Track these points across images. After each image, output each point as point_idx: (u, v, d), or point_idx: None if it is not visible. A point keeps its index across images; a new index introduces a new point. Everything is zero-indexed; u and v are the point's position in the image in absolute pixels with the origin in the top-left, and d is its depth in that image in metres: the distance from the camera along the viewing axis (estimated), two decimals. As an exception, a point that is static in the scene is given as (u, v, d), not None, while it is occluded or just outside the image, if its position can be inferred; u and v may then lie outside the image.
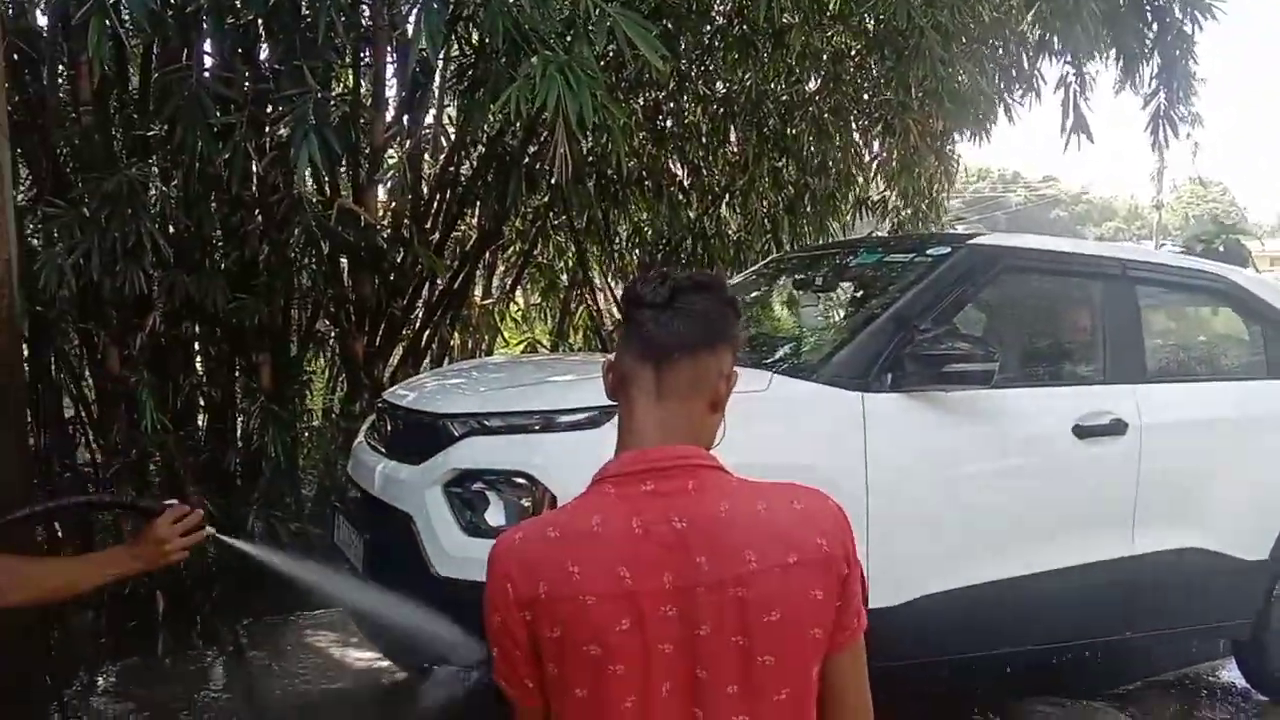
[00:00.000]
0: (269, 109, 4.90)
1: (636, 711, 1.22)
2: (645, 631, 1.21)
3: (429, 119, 6.14)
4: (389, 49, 5.53)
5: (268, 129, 4.96)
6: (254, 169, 5.05)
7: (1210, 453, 3.90)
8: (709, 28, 6.50)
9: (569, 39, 4.25)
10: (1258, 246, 11.43)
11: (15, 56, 4.45)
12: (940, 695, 4.18)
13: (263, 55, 5.23)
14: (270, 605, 4.90)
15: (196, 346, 5.76)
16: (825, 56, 6.09)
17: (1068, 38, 6.91)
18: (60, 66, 4.80)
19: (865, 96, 6.59)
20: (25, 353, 4.37)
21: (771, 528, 1.25)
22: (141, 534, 1.87)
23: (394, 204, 5.95)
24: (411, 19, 4.70)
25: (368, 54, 5.52)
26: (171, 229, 4.88)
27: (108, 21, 3.79)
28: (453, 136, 6.12)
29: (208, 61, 5.02)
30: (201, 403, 5.89)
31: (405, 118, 5.89)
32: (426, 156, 6.55)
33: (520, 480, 2.92)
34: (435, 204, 6.24)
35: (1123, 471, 3.63)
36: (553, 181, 5.91)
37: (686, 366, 1.32)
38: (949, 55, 5.62)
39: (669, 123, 6.94)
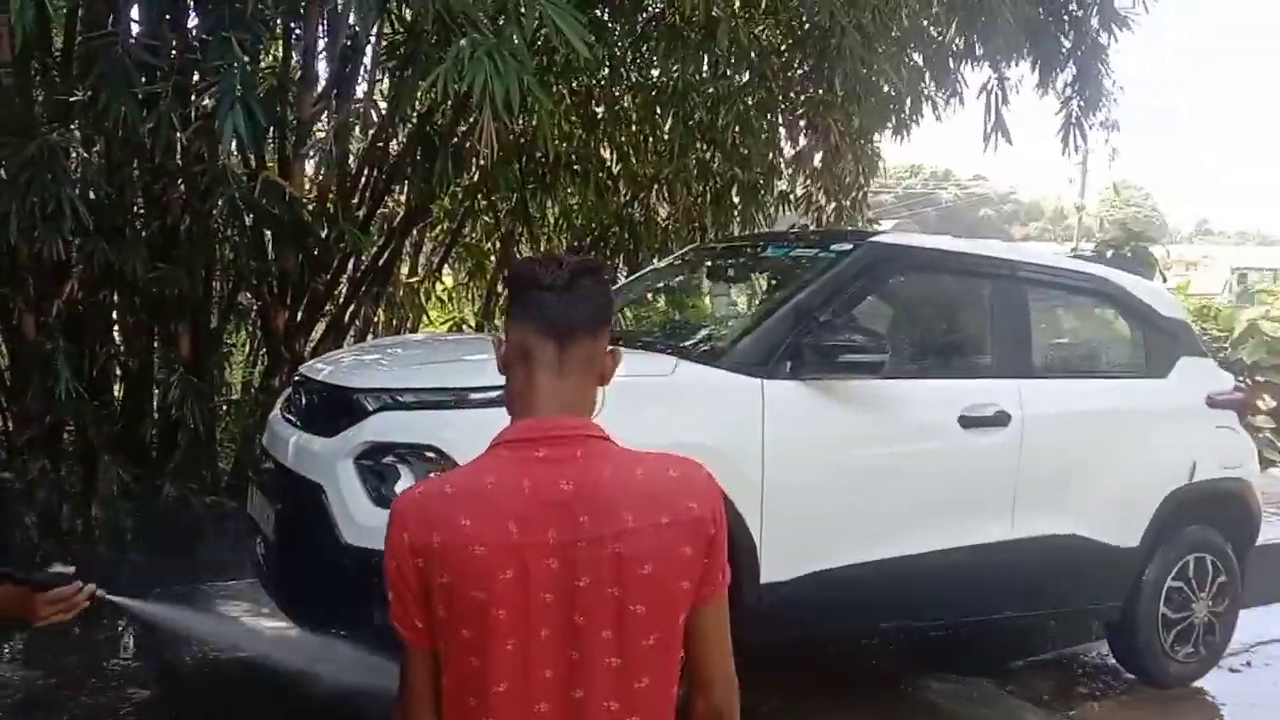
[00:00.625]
0: (196, 79, 4.89)
1: (517, 652, 1.34)
2: (528, 581, 1.34)
3: (359, 95, 6.14)
4: (319, 23, 5.55)
5: (194, 99, 4.96)
6: (178, 139, 5.05)
7: (1088, 445, 4.14)
8: (642, 17, 6.62)
9: (500, 22, 4.32)
10: (1163, 254, 11.96)
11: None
12: (834, 672, 4.40)
13: (191, 25, 5.22)
14: (182, 574, 4.94)
15: (115, 315, 5.73)
16: (753, 52, 6.23)
17: (988, 44, 7.18)
18: (-22, 27, 4.72)
19: (791, 93, 6.75)
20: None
21: (648, 491, 1.39)
22: (20, 595, 1.89)
23: (320, 178, 5.97)
24: (343, -6, 4.73)
25: (298, 28, 5.52)
26: (92, 195, 4.85)
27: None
28: (382, 113, 6.12)
29: (134, 29, 5.00)
30: (119, 372, 5.87)
31: (334, 93, 5.92)
32: (356, 132, 6.57)
33: (430, 454, 3.02)
34: (362, 180, 6.26)
35: (1004, 460, 3.85)
36: (480, 162, 6.00)
37: (586, 345, 1.45)
38: (870, 56, 5.81)
39: (600, 110, 7.04)
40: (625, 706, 1.37)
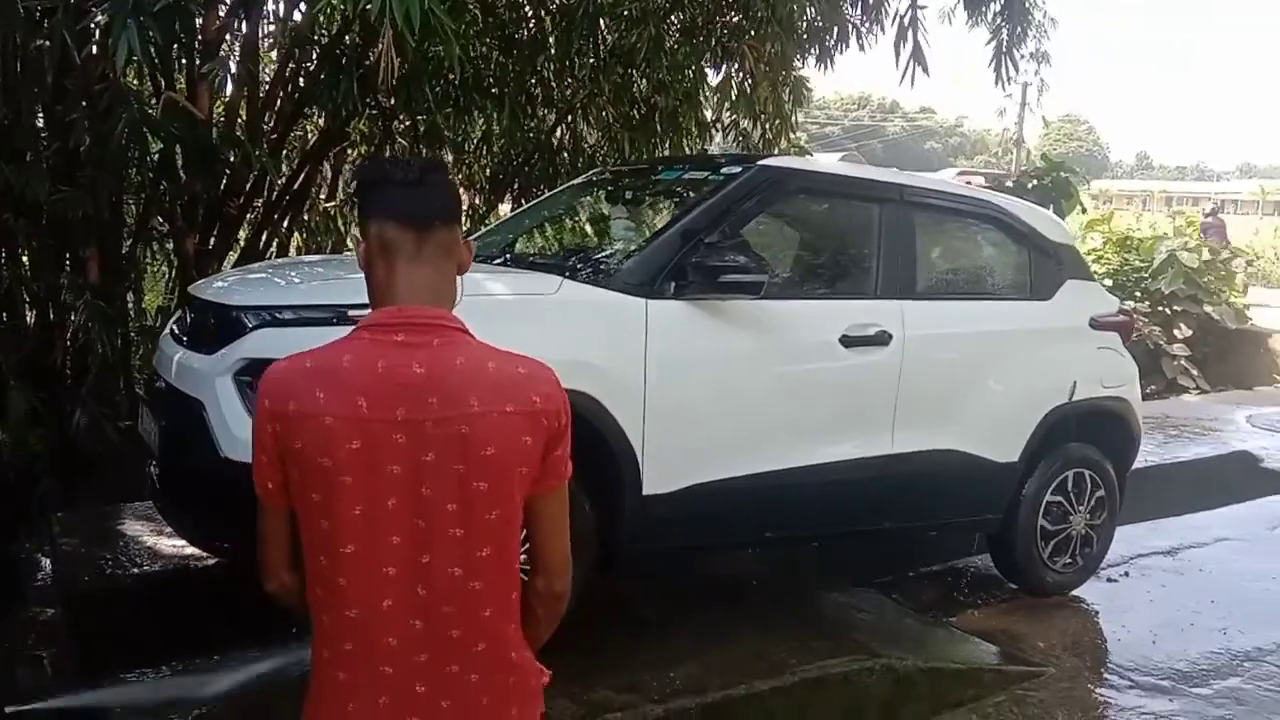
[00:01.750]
0: (90, -5, 4.76)
1: (365, 518, 1.46)
2: (374, 453, 1.45)
3: (266, 14, 6.02)
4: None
5: (90, 15, 4.84)
6: (75, 58, 4.93)
7: (968, 364, 4.30)
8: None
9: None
10: (1105, 187, 12.24)
11: None
12: (721, 582, 4.56)
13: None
14: (91, 497, 4.97)
15: (20, 239, 5.64)
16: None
17: (904, -30, 7.16)
18: None
19: (707, 18, 6.72)
20: None
21: (496, 381, 1.51)
22: None
23: (228, 99, 5.88)
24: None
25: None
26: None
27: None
28: (291, 33, 6.01)
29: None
30: (26, 297, 5.80)
31: (241, 11, 5.80)
32: (268, 54, 6.46)
33: (309, 370, 3.07)
34: (275, 102, 6.18)
35: (885, 378, 3.99)
36: (391, 84, 5.93)
37: (443, 235, 1.56)
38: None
39: (520, 33, 6.97)
40: (468, 572, 1.50)
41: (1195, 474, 7.17)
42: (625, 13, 6.36)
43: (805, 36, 6.84)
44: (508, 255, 4.35)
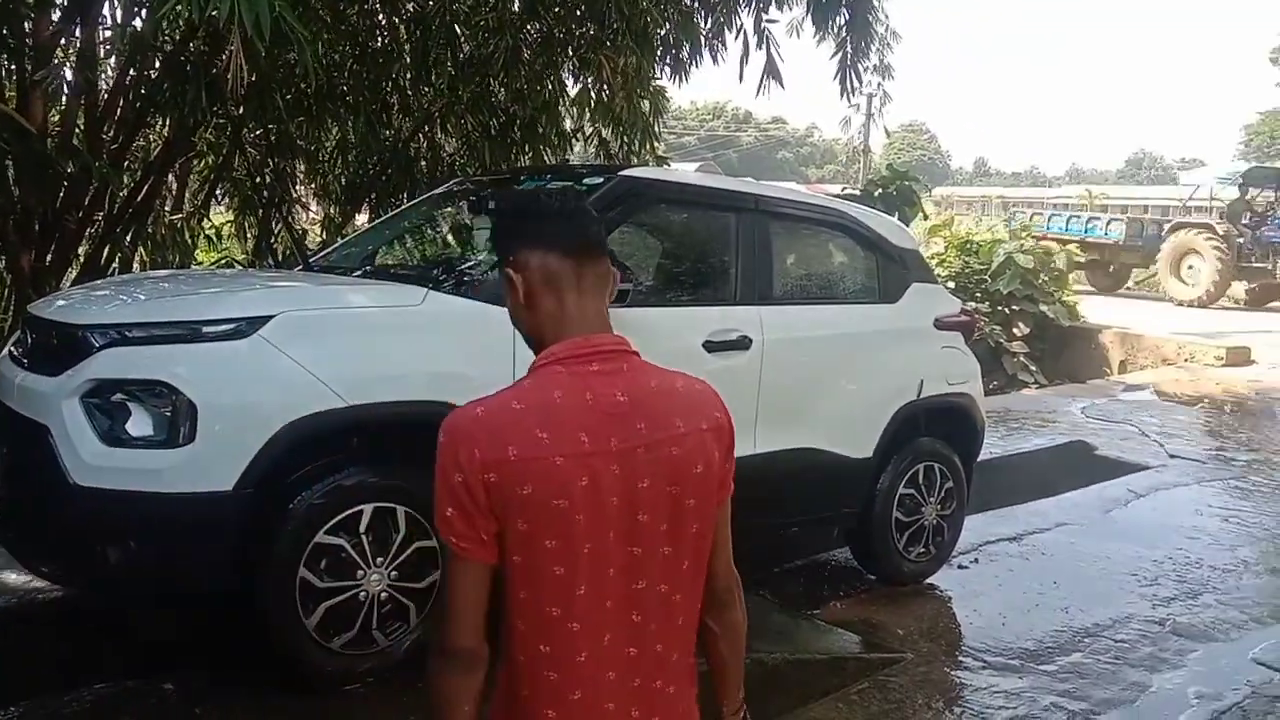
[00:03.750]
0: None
1: (591, 556, 1.43)
2: (598, 487, 1.43)
3: (105, 19, 5.78)
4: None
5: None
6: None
7: (823, 365, 4.46)
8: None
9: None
10: (946, 193, 12.91)
11: None
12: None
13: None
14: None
15: None
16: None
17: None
18: None
19: (564, 30, 6.78)
20: None
21: (689, 400, 1.54)
22: None
23: (64, 108, 5.60)
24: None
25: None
26: None
27: None
28: (129, 40, 5.78)
29: None
30: None
31: (77, 16, 5.55)
32: (107, 61, 6.19)
33: (161, 389, 2.97)
34: (115, 111, 5.93)
35: (747, 380, 4.11)
36: (241, 92, 5.77)
37: (600, 264, 1.56)
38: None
39: (374, 40, 6.88)
40: (672, 587, 1.50)
41: (1036, 463, 7.62)
42: (482, 22, 6.37)
43: (660, 49, 6.98)
44: (368, 266, 4.29)
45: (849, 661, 4.10)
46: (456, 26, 6.20)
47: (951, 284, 11.62)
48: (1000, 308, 12.89)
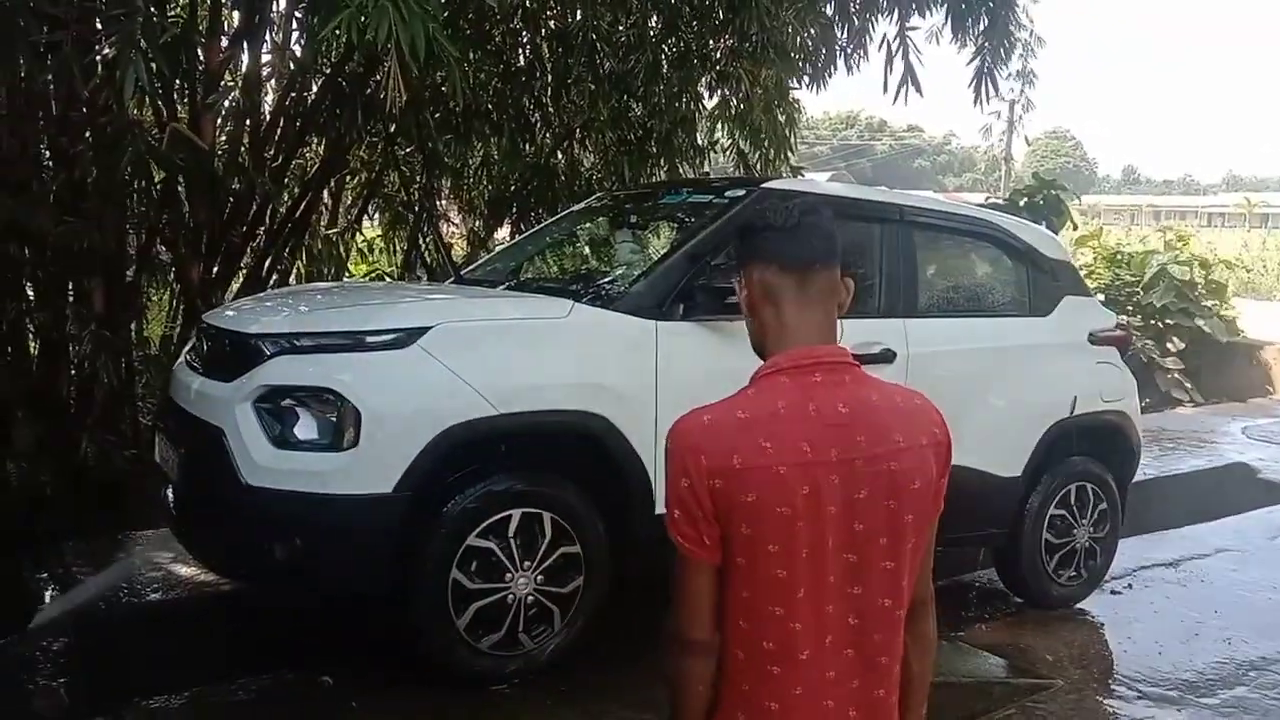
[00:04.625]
0: (97, 27, 4.83)
1: (810, 560, 1.48)
2: (819, 495, 1.47)
3: (268, 44, 6.10)
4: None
5: (96, 48, 4.90)
6: (82, 90, 4.99)
7: (971, 380, 4.34)
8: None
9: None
10: (1094, 202, 12.38)
11: None
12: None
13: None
14: (99, 524, 4.98)
15: (25, 270, 5.68)
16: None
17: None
18: None
19: (703, 44, 6.82)
20: None
21: (908, 416, 1.56)
22: None
23: (231, 129, 5.94)
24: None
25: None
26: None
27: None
28: (292, 63, 6.09)
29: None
30: (31, 328, 5.83)
31: (244, 43, 5.88)
32: (269, 83, 6.52)
33: (328, 396, 3.13)
34: (276, 131, 6.24)
35: (891, 396, 4.04)
36: (393, 112, 6.01)
37: (824, 276, 1.57)
38: (776, 7, 5.90)
39: (519, 59, 7.06)
40: (895, 602, 1.53)
41: (1194, 486, 7.22)
42: (622, 39, 6.46)
43: (799, 60, 6.93)
44: (514, 280, 4.40)
45: (995, 686, 3.99)
46: (597, 43, 6.30)
47: (1101, 297, 11.12)
48: (1153, 321, 12.26)
